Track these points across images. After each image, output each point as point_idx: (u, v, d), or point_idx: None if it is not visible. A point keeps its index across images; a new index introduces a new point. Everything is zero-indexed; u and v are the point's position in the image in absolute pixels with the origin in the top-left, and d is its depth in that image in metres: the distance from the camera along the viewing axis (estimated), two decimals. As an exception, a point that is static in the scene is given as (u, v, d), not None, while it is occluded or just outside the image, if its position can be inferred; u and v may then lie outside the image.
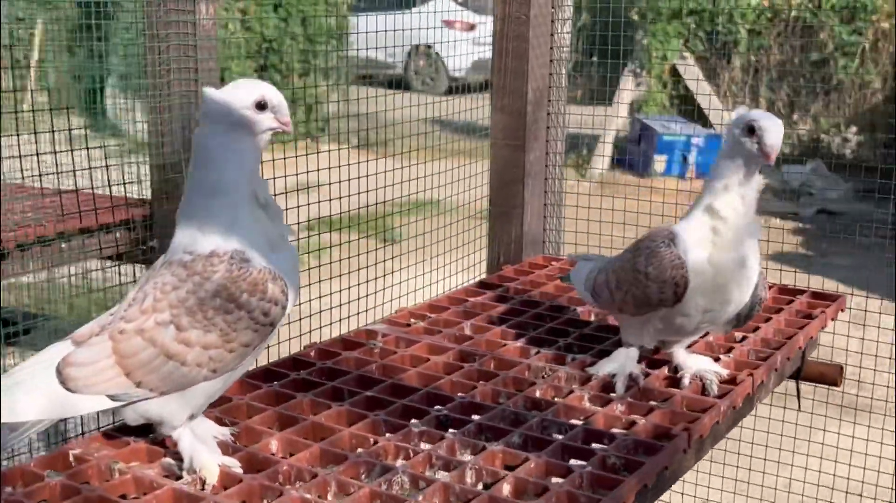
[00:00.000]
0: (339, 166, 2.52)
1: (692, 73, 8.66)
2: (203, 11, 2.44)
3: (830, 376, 2.30)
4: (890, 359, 3.00)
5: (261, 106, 1.58)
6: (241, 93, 1.59)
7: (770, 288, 2.43)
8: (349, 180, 2.54)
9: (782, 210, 7.66)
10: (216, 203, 1.59)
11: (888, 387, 2.99)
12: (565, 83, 2.86)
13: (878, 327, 2.97)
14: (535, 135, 2.79)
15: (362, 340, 2.17)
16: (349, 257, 2.62)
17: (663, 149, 8.19)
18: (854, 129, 8.22)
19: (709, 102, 8.52)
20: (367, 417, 1.76)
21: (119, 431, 1.73)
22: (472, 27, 9.89)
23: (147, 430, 1.72)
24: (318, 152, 2.50)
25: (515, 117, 2.75)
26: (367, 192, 2.60)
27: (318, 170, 2.53)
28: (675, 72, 8.87)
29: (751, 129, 1.77)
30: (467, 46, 8.23)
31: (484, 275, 2.88)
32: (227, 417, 1.80)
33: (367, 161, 2.61)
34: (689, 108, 8.55)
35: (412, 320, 2.31)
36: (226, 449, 1.67)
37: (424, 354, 2.09)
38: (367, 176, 2.58)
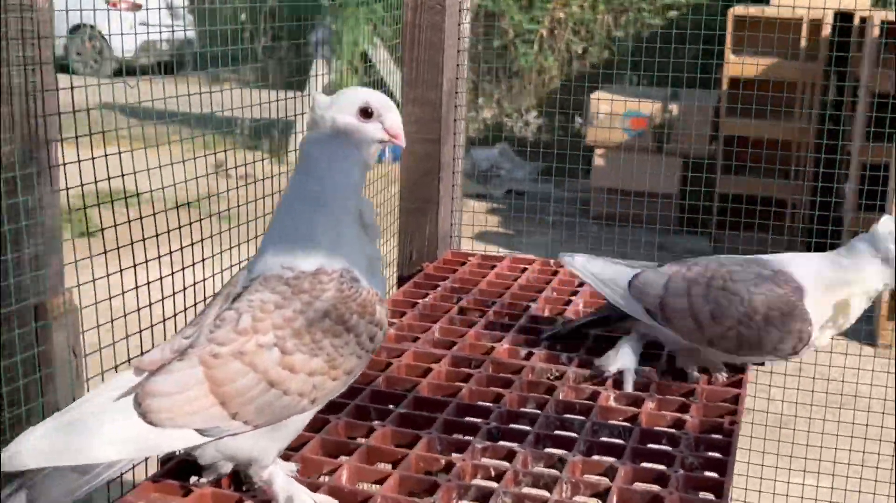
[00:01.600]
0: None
1: (382, 60, 8.78)
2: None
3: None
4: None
5: (366, 113, 1.46)
6: (344, 99, 1.47)
7: None
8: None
9: (475, 191, 7.99)
10: (321, 217, 1.45)
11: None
12: (466, 74, 2.79)
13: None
14: (448, 127, 2.72)
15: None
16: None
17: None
18: (534, 113, 8.72)
19: (399, 89, 8.69)
20: (420, 436, 1.66)
21: (168, 475, 1.51)
22: (137, 7, 9.40)
23: (191, 472, 1.50)
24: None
25: (431, 110, 2.64)
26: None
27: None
28: (365, 58, 8.95)
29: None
30: (132, 27, 7.78)
31: (395, 273, 2.80)
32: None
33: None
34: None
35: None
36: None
37: (420, 363, 2.00)
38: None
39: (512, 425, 1.75)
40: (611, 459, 1.61)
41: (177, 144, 2.37)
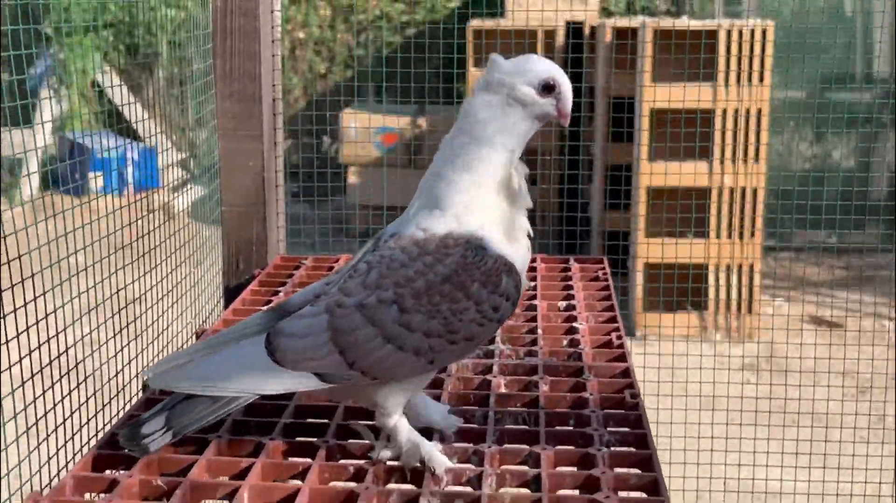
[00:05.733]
0: None
1: (116, 87, 8.38)
2: None
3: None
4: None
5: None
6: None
7: None
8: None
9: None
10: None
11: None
12: (280, 66, 2.58)
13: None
14: (269, 122, 2.52)
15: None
16: None
17: (97, 166, 7.82)
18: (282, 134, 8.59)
19: (136, 115, 8.30)
20: (318, 446, 1.55)
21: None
22: None
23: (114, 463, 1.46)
24: None
25: (249, 104, 2.43)
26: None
27: None
28: (97, 86, 8.50)
29: (548, 87, 1.47)
30: None
31: (221, 285, 2.58)
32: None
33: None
34: (117, 123, 8.25)
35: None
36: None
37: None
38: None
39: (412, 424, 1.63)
40: (527, 447, 1.53)
41: None
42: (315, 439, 1.57)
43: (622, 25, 5.83)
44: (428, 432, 1.56)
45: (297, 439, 1.58)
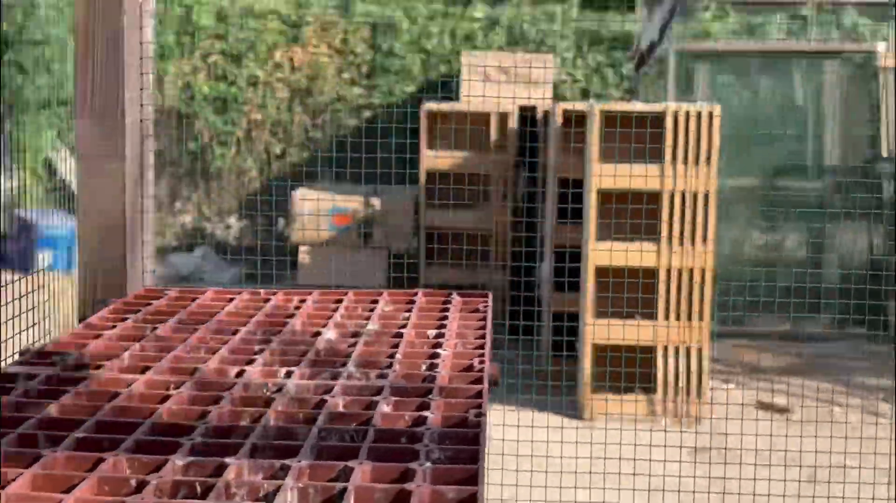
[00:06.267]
0: None
1: (68, 166, 8.32)
2: None
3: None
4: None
5: None
6: None
7: None
8: None
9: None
10: None
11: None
12: (151, 86, 2.49)
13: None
14: (134, 141, 2.39)
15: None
16: None
17: (46, 244, 7.71)
18: (235, 215, 8.53)
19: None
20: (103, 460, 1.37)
21: None
22: None
23: None
24: None
25: (111, 123, 2.32)
26: None
27: None
28: (49, 164, 8.44)
29: None
30: None
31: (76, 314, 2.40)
32: None
33: None
34: (67, 201, 8.18)
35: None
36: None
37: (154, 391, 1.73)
38: None
39: (223, 440, 1.52)
40: (342, 463, 1.42)
41: None
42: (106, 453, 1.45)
43: (572, 108, 5.86)
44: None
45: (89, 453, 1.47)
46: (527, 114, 6.51)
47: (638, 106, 5.46)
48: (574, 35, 8.20)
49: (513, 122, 6.67)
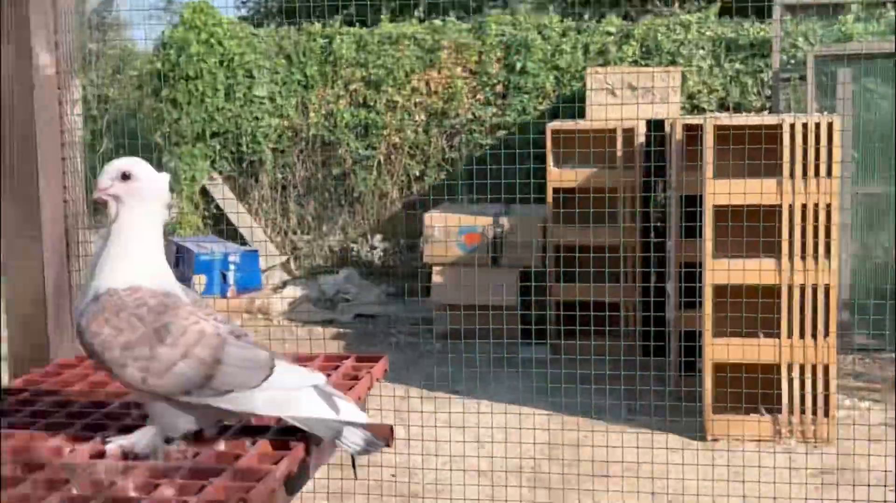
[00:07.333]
0: None
1: (222, 193, 8.76)
2: None
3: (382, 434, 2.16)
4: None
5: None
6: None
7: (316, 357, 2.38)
8: None
9: (322, 318, 7.92)
10: None
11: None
12: (81, 168, 2.63)
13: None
14: (55, 225, 2.52)
15: None
16: None
17: (201, 268, 8.14)
18: (379, 237, 8.77)
19: (239, 220, 8.66)
20: None
21: None
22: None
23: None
24: None
25: (28, 207, 2.45)
26: None
27: None
28: (205, 192, 8.92)
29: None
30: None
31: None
32: None
33: None
34: (222, 227, 8.61)
35: None
36: None
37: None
38: None
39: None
40: None
41: None
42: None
43: (691, 122, 5.76)
44: None
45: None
46: (653, 129, 6.43)
47: (752, 119, 5.32)
48: (711, 44, 8.03)
49: (639, 138, 6.61)
